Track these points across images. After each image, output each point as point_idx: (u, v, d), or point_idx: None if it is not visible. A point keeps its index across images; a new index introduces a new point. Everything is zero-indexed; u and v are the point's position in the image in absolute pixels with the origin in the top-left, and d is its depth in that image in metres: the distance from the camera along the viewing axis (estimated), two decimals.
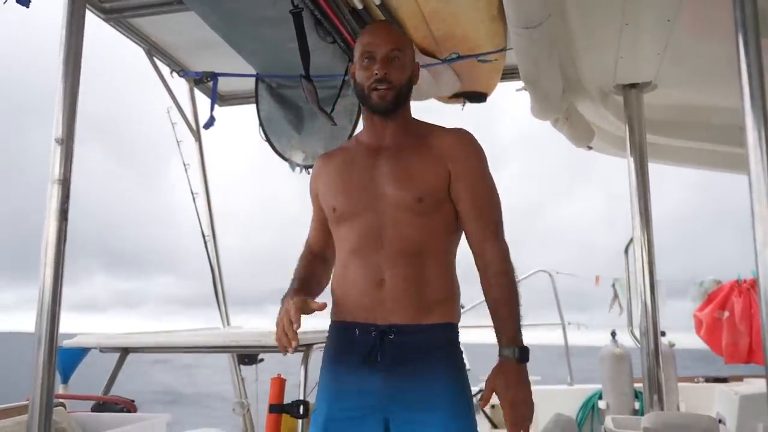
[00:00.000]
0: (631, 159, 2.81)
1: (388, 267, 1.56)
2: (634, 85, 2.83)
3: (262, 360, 3.23)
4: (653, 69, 2.69)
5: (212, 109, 3.26)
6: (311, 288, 1.67)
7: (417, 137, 1.66)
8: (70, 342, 2.63)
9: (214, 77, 3.28)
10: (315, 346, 2.40)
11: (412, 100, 2.89)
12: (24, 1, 1.54)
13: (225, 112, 3.69)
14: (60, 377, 2.70)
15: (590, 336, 5.73)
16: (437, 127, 1.69)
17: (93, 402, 2.57)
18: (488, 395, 1.48)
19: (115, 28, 2.86)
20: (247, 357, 3.30)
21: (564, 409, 4.47)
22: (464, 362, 1.63)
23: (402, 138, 1.66)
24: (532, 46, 2.15)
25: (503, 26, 2.41)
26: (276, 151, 3.16)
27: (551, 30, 2.11)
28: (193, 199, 3.74)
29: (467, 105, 3.27)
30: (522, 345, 1.50)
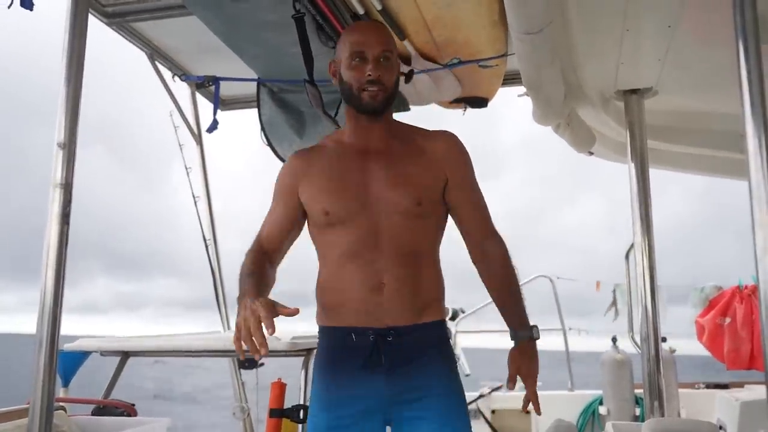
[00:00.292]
0: (632, 164, 2.81)
1: (387, 270, 1.56)
2: (635, 91, 2.84)
3: (263, 364, 3.23)
4: (654, 75, 2.69)
5: (215, 113, 3.26)
6: (266, 289, 1.53)
7: (404, 140, 1.69)
8: (71, 346, 2.63)
9: (216, 81, 3.29)
10: (316, 351, 2.40)
11: (414, 105, 2.92)
12: (27, 4, 1.55)
13: (227, 117, 3.71)
14: (60, 381, 2.70)
15: (591, 341, 5.73)
16: (422, 130, 1.74)
17: (93, 406, 2.57)
18: (514, 375, 1.67)
19: (118, 33, 2.87)
20: (247, 361, 3.30)
21: (565, 415, 4.46)
22: (454, 356, 1.73)
23: (390, 140, 1.68)
24: (535, 52, 2.16)
25: (504, 32, 2.41)
26: (278, 156, 3.17)
27: (553, 36, 2.11)
28: (195, 203, 3.75)
29: (468, 110, 3.28)
30: (532, 325, 1.70)
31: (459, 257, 1.73)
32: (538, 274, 5.25)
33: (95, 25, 2.75)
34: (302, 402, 2.29)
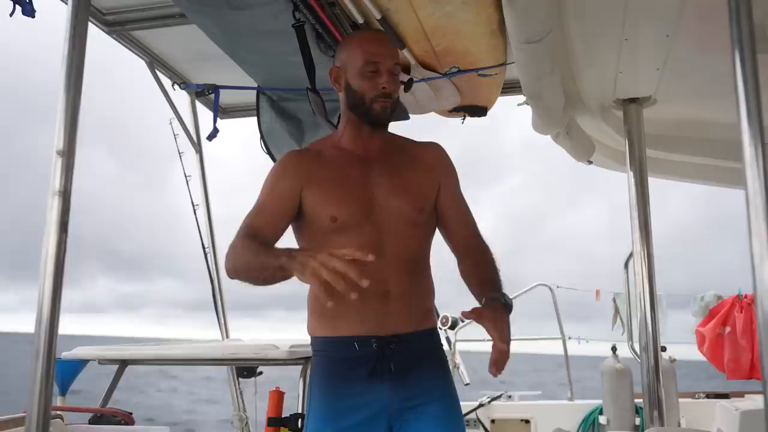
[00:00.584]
0: (631, 173, 2.81)
1: (392, 277, 1.58)
2: (634, 100, 2.84)
3: (261, 373, 3.22)
4: (653, 84, 2.70)
5: (215, 122, 3.27)
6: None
7: (400, 149, 1.74)
8: (69, 354, 2.63)
9: (216, 90, 3.30)
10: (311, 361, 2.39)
11: (413, 114, 2.93)
12: (29, 12, 1.56)
13: (226, 124, 3.72)
14: (58, 389, 2.69)
15: (592, 347, 5.73)
16: (411, 140, 1.79)
17: (91, 414, 2.56)
18: (471, 315, 1.45)
19: (118, 41, 2.88)
20: (246, 370, 3.29)
21: (564, 425, 4.45)
22: (447, 361, 1.78)
23: (388, 149, 1.71)
24: (534, 61, 2.17)
25: (503, 41, 2.42)
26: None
27: (552, 45, 2.12)
28: (194, 211, 3.75)
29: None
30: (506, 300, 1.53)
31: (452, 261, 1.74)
32: (538, 283, 5.24)
33: (95, 33, 2.77)
34: (300, 410, 2.28)
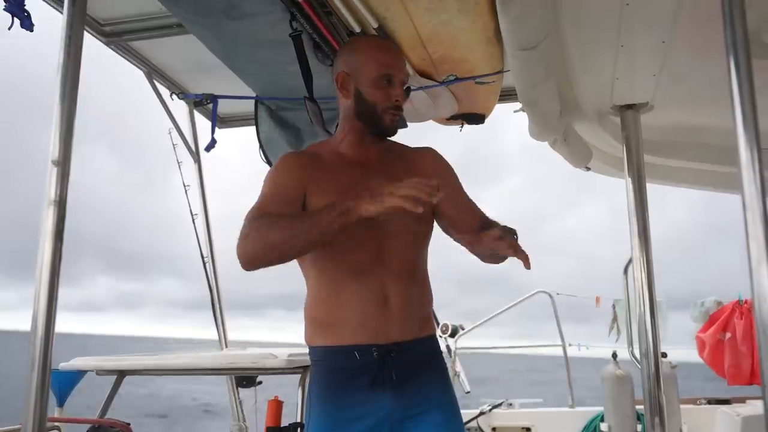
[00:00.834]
0: (629, 179, 2.81)
1: (392, 285, 1.58)
2: (631, 106, 2.84)
3: (260, 382, 3.21)
4: (650, 90, 2.70)
5: (213, 132, 3.28)
6: None
7: (398, 156, 1.75)
8: (66, 365, 2.62)
9: (214, 99, 3.31)
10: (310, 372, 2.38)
11: (411, 122, 2.93)
12: (27, 26, 1.56)
13: (225, 133, 3.72)
14: (56, 400, 2.68)
15: (592, 351, 5.72)
16: (407, 146, 1.81)
17: (89, 425, 2.55)
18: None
19: (116, 51, 2.89)
20: (246, 379, 3.28)
21: None
22: (447, 367, 1.76)
23: (386, 156, 1.72)
24: (530, 68, 2.17)
25: (500, 48, 2.43)
26: None
27: (548, 52, 2.13)
28: (193, 220, 3.74)
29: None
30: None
31: (459, 260, 1.75)
32: (538, 291, 5.23)
33: (93, 44, 2.77)
34: (299, 420, 2.27)
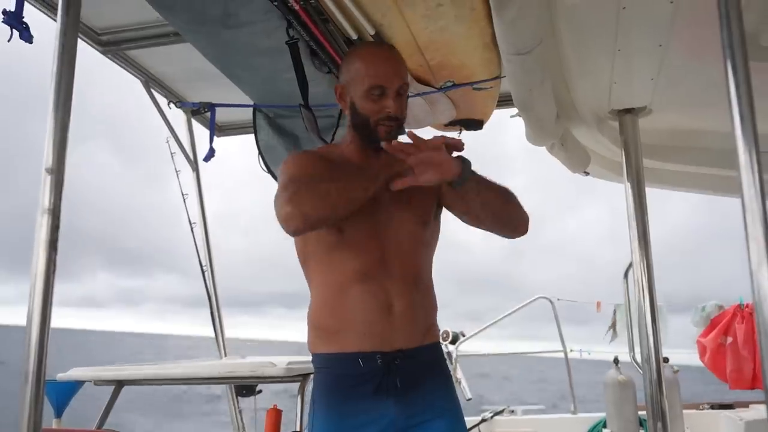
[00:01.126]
0: (628, 184, 2.80)
1: (396, 292, 1.57)
2: (629, 110, 2.83)
3: (260, 391, 3.19)
4: (648, 94, 2.70)
5: (211, 141, 3.28)
6: None
7: (402, 163, 1.69)
8: (64, 375, 2.60)
9: (212, 108, 3.31)
10: (312, 376, 2.37)
11: (409, 128, 2.91)
12: (26, 38, 1.57)
13: (223, 141, 3.72)
14: (53, 411, 2.66)
15: (594, 355, 5.71)
16: None
17: None
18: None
19: (113, 61, 2.89)
20: (245, 388, 3.26)
21: None
22: (451, 374, 1.75)
23: (391, 161, 1.68)
24: (524, 73, 2.17)
25: (497, 54, 2.43)
26: (277, 180, 3.17)
27: (543, 56, 2.12)
28: (191, 230, 3.73)
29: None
30: (474, 175, 1.58)
31: (459, 260, 1.74)
32: (538, 296, 5.22)
33: (90, 53, 2.77)
34: (298, 428, 2.25)
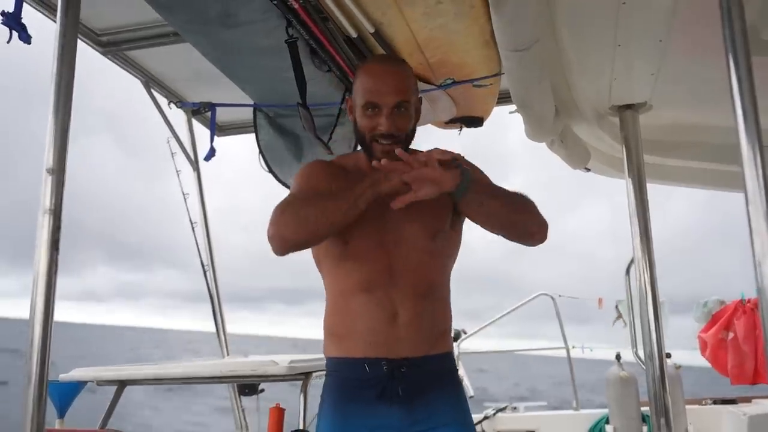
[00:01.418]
0: (629, 180, 2.80)
1: (401, 303, 1.56)
2: (630, 106, 2.83)
3: (263, 390, 3.20)
4: (648, 90, 2.70)
5: (212, 140, 3.28)
6: None
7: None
8: (67, 376, 2.60)
9: (212, 107, 3.31)
10: (314, 374, 2.37)
11: None
12: (25, 38, 1.57)
13: (223, 141, 3.72)
14: (56, 412, 2.66)
15: (596, 353, 5.70)
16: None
17: None
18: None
19: (113, 61, 2.89)
20: (248, 387, 3.26)
21: None
22: (462, 385, 1.71)
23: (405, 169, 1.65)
24: (522, 69, 2.17)
25: (497, 51, 2.42)
26: (278, 179, 3.18)
27: (542, 53, 2.12)
28: (192, 229, 3.73)
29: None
30: (474, 186, 1.53)
31: (460, 259, 1.71)
32: (540, 293, 5.22)
33: (90, 54, 2.77)
34: (301, 427, 2.25)
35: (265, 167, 3.18)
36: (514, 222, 1.60)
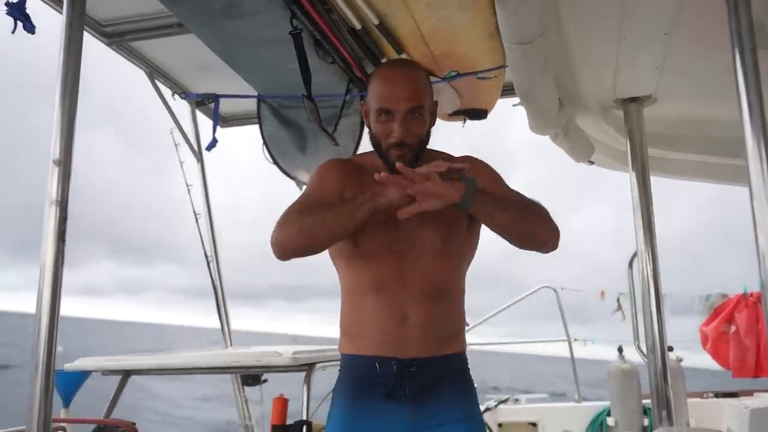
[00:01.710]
0: (633, 173, 2.80)
1: (411, 305, 1.57)
2: (634, 99, 2.83)
3: (266, 380, 3.21)
4: (652, 83, 2.69)
5: (214, 131, 3.27)
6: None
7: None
8: (71, 365, 2.62)
9: (216, 99, 3.30)
10: (318, 365, 2.39)
11: None
12: (29, 29, 1.57)
13: (227, 132, 3.72)
14: (61, 401, 2.69)
15: (597, 350, 5.71)
16: (446, 155, 1.67)
17: (94, 425, 2.55)
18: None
19: (117, 52, 2.88)
20: (251, 378, 3.28)
21: (572, 427, 4.42)
22: (473, 385, 1.70)
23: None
24: (526, 62, 2.16)
25: (501, 43, 2.42)
26: (282, 171, 3.18)
27: (547, 45, 2.12)
28: (196, 220, 3.75)
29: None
30: (479, 197, 1.48)
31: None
32: (542, 286, 5.23)
33: (95, 45, 2.77)
34: (305, 417, 2.27)
35: (270, 158, 3.18)
36: (522, 231, 1.57)
